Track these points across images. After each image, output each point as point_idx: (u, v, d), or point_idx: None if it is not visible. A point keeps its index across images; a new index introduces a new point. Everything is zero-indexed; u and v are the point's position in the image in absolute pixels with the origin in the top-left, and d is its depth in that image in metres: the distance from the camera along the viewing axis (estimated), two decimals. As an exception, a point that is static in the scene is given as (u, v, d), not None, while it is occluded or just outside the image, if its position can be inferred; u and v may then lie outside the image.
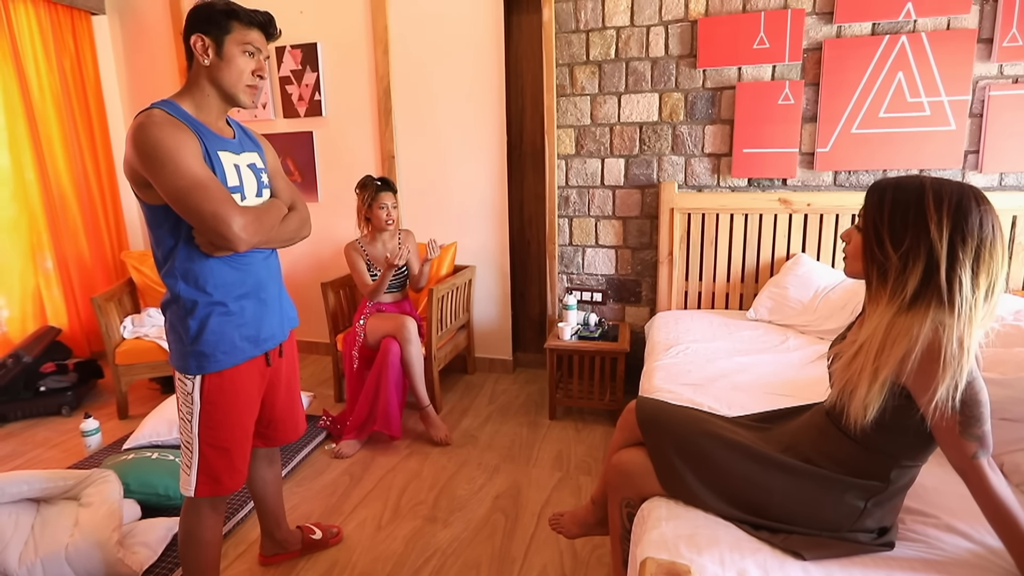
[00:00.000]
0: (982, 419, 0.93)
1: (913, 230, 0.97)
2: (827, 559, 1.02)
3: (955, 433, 0.93)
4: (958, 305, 0.93)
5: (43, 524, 1.65)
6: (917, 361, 0.93)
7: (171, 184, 1.14)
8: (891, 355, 0.96)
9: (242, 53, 1.25)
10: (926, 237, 0.95)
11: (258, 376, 1.38)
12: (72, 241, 3.39)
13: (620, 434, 1.36)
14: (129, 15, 3.62)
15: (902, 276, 0.97)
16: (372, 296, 2.56)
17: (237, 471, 1.36)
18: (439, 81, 3.08)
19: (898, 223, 0.98)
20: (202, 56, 1.23)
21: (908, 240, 0.97)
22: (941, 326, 0.93)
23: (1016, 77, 2.33)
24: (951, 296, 0.94)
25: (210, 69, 1.24)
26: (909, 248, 0.97)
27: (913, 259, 0.97)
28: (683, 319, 2.53)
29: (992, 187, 2.43)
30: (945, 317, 0.94)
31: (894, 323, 0.97)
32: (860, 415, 0.99)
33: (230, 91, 1.26)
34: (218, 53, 1.23)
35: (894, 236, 0.98)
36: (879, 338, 0.98)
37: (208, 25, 1.22)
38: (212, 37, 1.22)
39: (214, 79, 1.25)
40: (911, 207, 0.98)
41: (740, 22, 2.53)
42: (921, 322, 0.94)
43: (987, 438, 0.93)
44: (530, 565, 1.71)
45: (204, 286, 1.25)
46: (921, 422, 0.97)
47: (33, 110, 3.19)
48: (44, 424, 2.75)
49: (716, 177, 2.72)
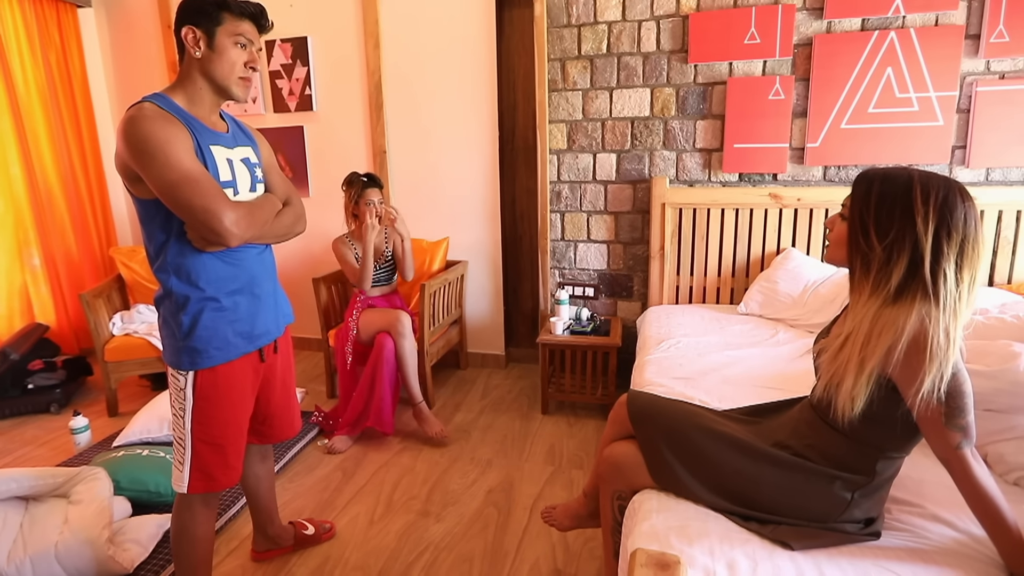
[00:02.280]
0: (966, 409, 0.94)
1: (899, 223, 0.97)
2: (815, 549, 1.04)
3: (939, 424, 0.94)
4: (943, 298, 0.94)
5: (32, 522, 1.64)
6: (903, 352, 0.94)
7: (161, 178, 1.13)
8: (877, 347, 0.97)
9: (234, 45, 1.23)
10: (912, 230, 0.96)
11: (252, 372, 1.38)
12: (59, 237, 3.36)
13: (612, 427, 1.37)
14: (115, 8, 3.57)
15: (886, 268, 0.98)
16: (362, 281, 2.51)
17: (231, 467, 1.35)
18: (431, 76, 3.07)
19: (884, 215, 0.99)
20: (193, 48, 1.22)
21: (894, 232, 0.98)
22: (928, 318, 0.94)
23: (1003, 73, 2.36)
24: (936, 289, 0.95)
25: (202, 62, 1.23)
26: (894, 240, 0.98)
27: (898, 251, 0.98)
28: (674, 314, 2.55)
29: (979, 182, 2.45)
30: (931, 309, 0.95)
31: (880, 315, 0.98)
32: (848, 407, 1.00)
33: (223, 83, 1.25)
34: (210, 45, 1.22)
35: (880, 227, 0.99)
36: (865, 330, 0.99)
37: (199, 17, 1.21)
38: (203, 29, 1.21)
39: (206, 72, 1.23)
40: (898, 200, 0.98)
41: (731, 17, 2.54)
42: (907, 314, 0.95)
43: (971, 428, 0.94)
44: (523, 558, 1.72)
45: (196, 281, 1.24)
46: (907, 413, 0.98)
47: (18, 104, 3.14)
48: (32, 422, 2.72)
49: (707, 172, 2.73)
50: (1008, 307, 1.81)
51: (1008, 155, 2.38)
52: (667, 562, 0.81)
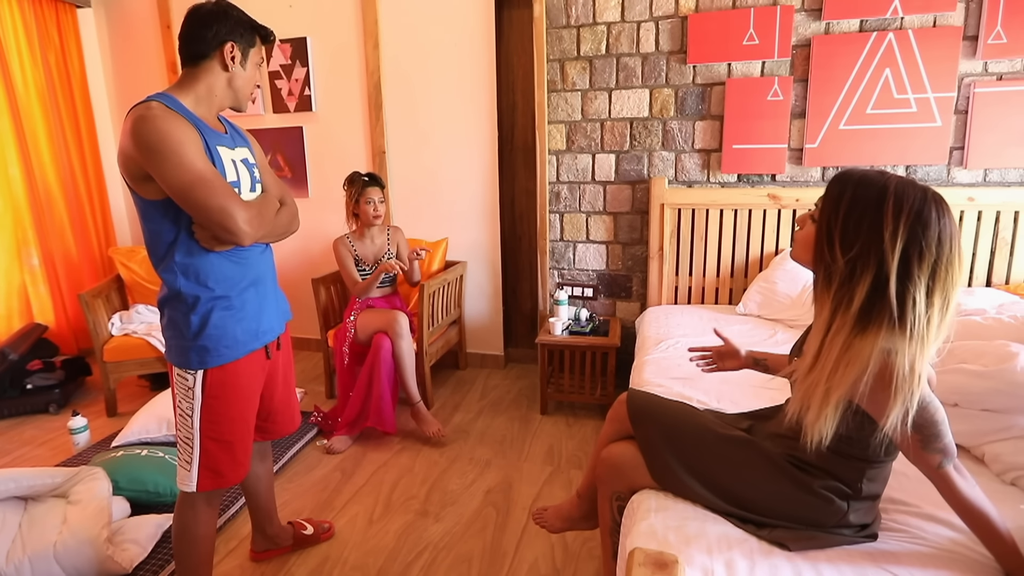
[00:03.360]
0: (941, 435, 0.92)
1: (866, 236, 0.90)
2: (812, 550, 1.04)
3: (918, 449, 0.93)
4: (910, 324, 0.88)
5: (31, 522, 1.64)
6: (869, 385, 0.90)
7: (176, 179, 1.14)
8: (844, 378, 0.91)
9: (256, 66, 1.35)
10: (878, 247, 0.89)
11: (259, 369, 1.39)
12: (58, 237, 3.35)
13: (610, 426, 1.37)
14: (115, 8, 3.57)
15: (848, 284, 0.92)
16: (361, 295, 2.56)
17: (239, 464, 1.37)
18: (430, 76, 3.07)
19: (852, 225, 0.92)
20: (231, 63, 1.27)
21: (859, 246, 0.90)
22: (892, 351, 0.89)
23: (1000, 74, 2.36)
24: (903, 314, 0.88)
25: (231, 76, 1.29)
26: (858, 255, 0.91)
27: (862, 268, 0.90)
28: (673, 314, 2.55)
29: (976, 183, 2.46)
30: (897, 339, 0.89)
31: (849, 344, 0.91)
32: (815, 438, 0.96)
33: (239, 95, 1.33)
34: (243, 63, 1.30)
35: (845, 239, 0.92)
36: (833, 358, 0.93)
37: (241, 36, 1.29)
38: (241, 48, 1.29)
39: (232, 84, 1.31)
40: (868, 210, 0.91)
41: (730, 18, 2.54)
42: (872, 345, 0.89)
43: (949, 448, 0.93)
44: (521, 558, 1.72)
45: (206, 281, 1.26)
46: (885, 434, 0.95)
47: (17, 105, 3.14)
48: (31, 422, 2.72)
49: (706, 173, 2.74)
50: (1005, 307, 1.82)
51: (1006, 156, 2.39)
52: (665, 561, 0.81)
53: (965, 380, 1.36)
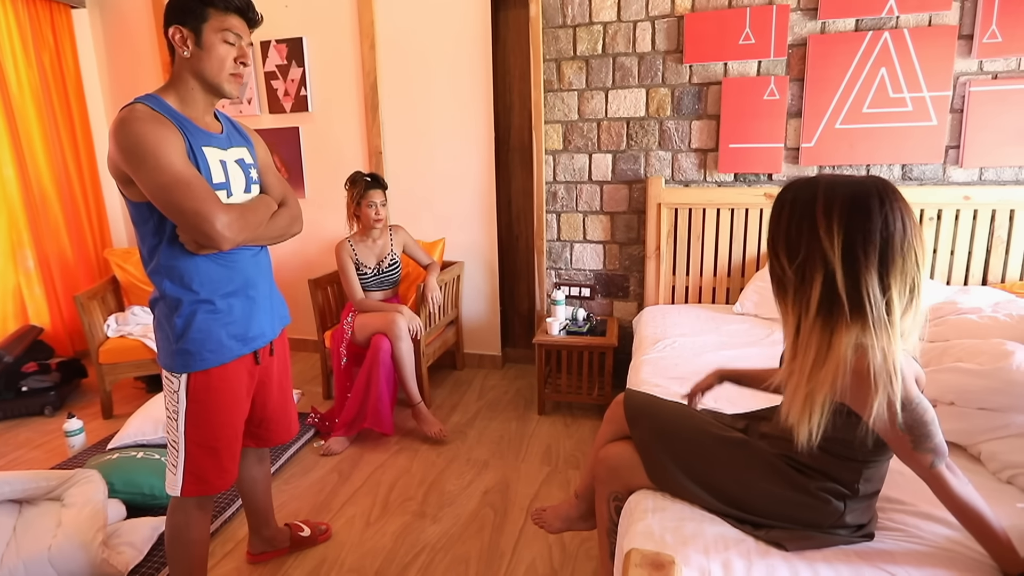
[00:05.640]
0: (931, 435, 0.92)
1: (807, 240, 0.92)
2: (809, 550, 1.04)
3: (909, 450, 0.93)
4: (869, 313, 0.88)
5: (25, 525, 1.63)
6: (848, 381, 0.91)
7: (152, 181, 1.12)
8: (824, 378, 0.92)
9: (222, 41, 1.21)
10: (818, 247, 0.90)
11: (246, 375, 1.37)
12: (54, 239, 3.34)
13: (608, 426, 1.37)
14: (110, 9, 3.56)
15: (801, 289, 0.93)
16: (360, 309, 2.55)
17: (225, 471, 1.35)
18: (427, 76, 3.06)
19: (793, 234, 0.94)
20: (181, 48, 1.20)
21: (803, 252, 0.92)
22: (863, 344, 0.89)
23: (995, 73, 2.37)
24: (860, 305, 0.89)
25: (191, 61, 1.21)
26: (805, 260, 0.92)
27: (810, 271, 0.92)
28: (670, 313, 2.55)
29: (972, 181, 2.47)
30: (863, 331, 0.89)
31: (819, 345, 0.93)
32: (804, 440, 0.96)
33: (213, 81, 1.23)
34: (197, 43, 1.20)
35: (789, 249, 0.94)
36: (810, 360, 0.94)
37: (185, 15, 1.19)
38: (190, 27, 1.19)
39: (196, 71, 1.22)
40: (805, 216, 0.92)
41: (726, 17, 2.54)
42: (841, 341, 0.90)
43: (940, 447, 0.92)
44: (519, 559, 1.72)
45: (190, 284, 1.24)
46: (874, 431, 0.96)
47: (12, 106, 3.13)
48: (26, 424, 2.71)
49: (703, 172, 2.74)
50: (1001, 306, 1.82)
51: (1001, 154, 2.39)
52: (662, 562, 0.81)
53: (961, 378, 1.36)
